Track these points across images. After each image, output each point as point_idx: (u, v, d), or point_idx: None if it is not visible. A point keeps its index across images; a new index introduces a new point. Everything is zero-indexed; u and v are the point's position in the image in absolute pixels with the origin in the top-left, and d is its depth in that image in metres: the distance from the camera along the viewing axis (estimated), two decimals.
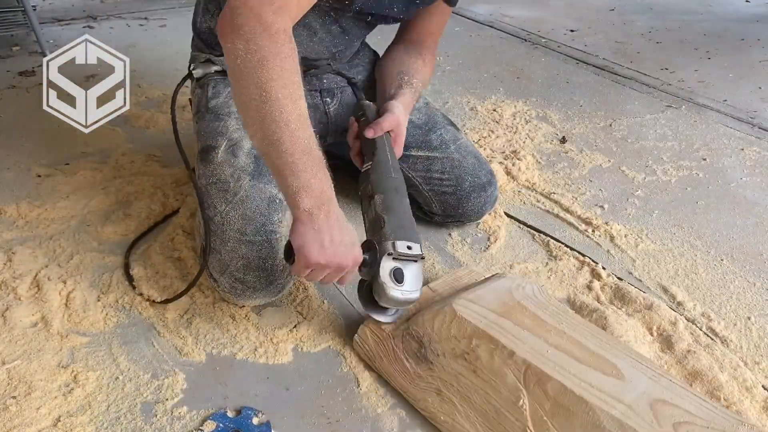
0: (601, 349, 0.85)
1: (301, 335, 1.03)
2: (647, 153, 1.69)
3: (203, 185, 1.08)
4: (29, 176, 1.46)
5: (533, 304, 0.93)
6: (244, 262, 1.01)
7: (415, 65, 1.21)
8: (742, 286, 1.18)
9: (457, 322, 0.89)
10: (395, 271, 0.90)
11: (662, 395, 0.78)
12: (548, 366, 0.81)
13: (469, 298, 0.93)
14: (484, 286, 0.98)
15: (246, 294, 1.03)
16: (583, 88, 2.14)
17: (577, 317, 0.95)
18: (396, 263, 0.91)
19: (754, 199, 1.47)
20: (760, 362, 1.00)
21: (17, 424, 0.85)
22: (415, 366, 0.91)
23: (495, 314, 0.90)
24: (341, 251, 0.85)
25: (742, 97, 2.07)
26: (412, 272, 0.92)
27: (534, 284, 1.00)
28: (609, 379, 0.80)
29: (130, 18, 2.76)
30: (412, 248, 0.92)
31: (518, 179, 1.52)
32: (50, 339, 1.00)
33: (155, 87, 1.98)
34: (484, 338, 0.86)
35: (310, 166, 0.83)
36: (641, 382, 0.80)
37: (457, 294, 0.96)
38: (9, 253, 1.18)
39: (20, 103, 1.85)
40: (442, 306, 0.92)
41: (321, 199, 0.84)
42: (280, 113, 0.81)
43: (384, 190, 0.99)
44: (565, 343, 0.86)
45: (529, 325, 0.88)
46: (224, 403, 0.90)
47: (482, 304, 0.92)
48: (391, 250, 0.90)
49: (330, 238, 0.84)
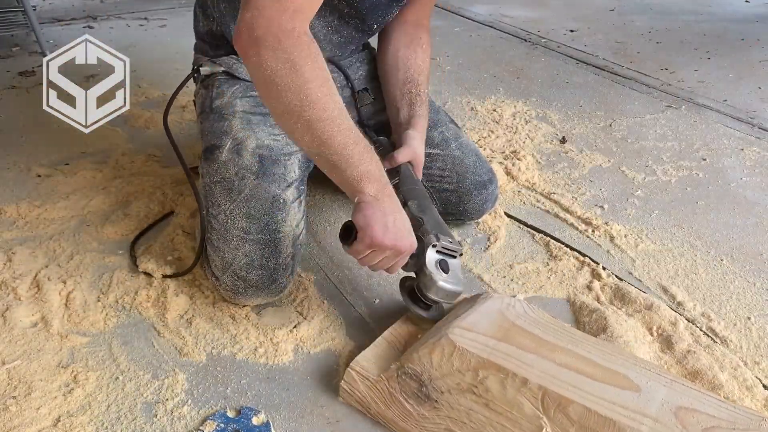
0: (608, 361, 0.82)
1: (301, 335, 1.03)
2: (647, 153, 1.69)
3: (207, 183, 1.08)
4: (29, 176, 1.46)
5: (528, 323, 0.89)
6: (247, 260, 1.01)
7: (416, 58, 1.21)
8: (742, 286, 1.18)
9: (458, 355, 0.83)
10: (440, 262, 0.93)
11: (682, 402, 0.76)
12: (565, 388, 0.77)
13: (463, 326, 0.87)
14: (473, 311, 0.91)
15: (247, 293, 1.03)
16: (583, 88, 2.14)
17: (574, 330, 0.92)
18: (440, 256, 0.94)
19: (754, 199, 1.47)
20: (760, 362, 1.00)
21: (17, 424, 0.85)
22: (418, 407, 0.84)
23: (495, 340, 0.85)
24: (402, 235, 0.88)
25: (742, 97, 2.07)
26: (454, 266, 0.95)
27: (521, 301, 0.96)
28: (626, 392, 0.77)
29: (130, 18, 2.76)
30: (453, 243, 0.95)
31: (518, 179, 1.52)
32: (50, 339, 1.00)
33: (155, 87, 1.98)
34: (491, 368, 0.81)
35: (366, 154, 0.86)
36: (658, 390, 0.78)
37: (448, 322, 0.90)
38: (9, 253, 1.18)
39: (20, 103, 1.85)
40: (437, 338, 0.86)
41: (382, 182, 0.88)
42: (324, 112, 0.82)
43: (416, 197, 1.03)
44: (573, 360, 0.82)
45: (532, 347, 0.84)
46: (224, 403, 0.90)
47: (479, 331, 0.86)
48: (436, 242, 0.94)
49: (393, 220, 0.87)
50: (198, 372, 0.95)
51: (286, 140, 1.13)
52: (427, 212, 1.00)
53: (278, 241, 1.03)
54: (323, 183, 1.43)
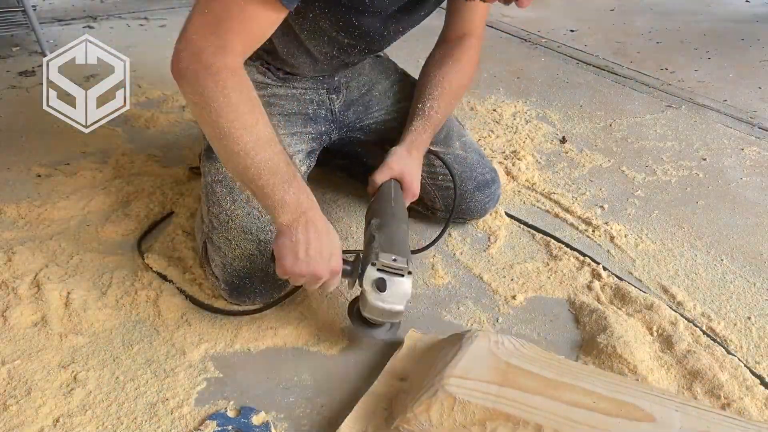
0: (614, 392, 0.79)
1: (300, 335, 1.03)
2: (647, 153, 1.69)
3: (209, 182, 1.08)
4: (29, 176, 1.46)
5: (524, 361, 0.85)
6: (248, 260, 1.01)
7: (437, 74, 1.16)
8: (742, 286, 1.18)
9: (460, 408, 0.77)
10: (377, 281, 0.90)
11: (700, 427, 0.74)
12: (582, 429, 0.73)
13: (456, 374, 0.81)
14: (462, 355, 0.85)
15: (247, 293, 1.03)
16: (583, 88, 2.14)
17: (569, 361, 0.89)
18: (380, 274, 0.91)
19: (754, 199, 1.47)
20: (761, 362, 1.00)
21: (17, 424, 0.85)
22: None
23: (495, 386, 0.80)
24: (315, 262, 0.87)
25: (742, 97, 2.07)
26: (397, 285, 0.91)
27: (508, 336, 0.92)
28: (643, 425, 0.74)
29: (130, 18, 2.76)
30: (397, 260, 0.91)
31: (518, 179, 1.52)
32: (50, 339, 1.00)
33: (155, 87, 1.98)
34: (499, 418, 0.75)
35: (280, 185, 0.86)
36: (673, 418, 0.75)
37: (438, 372, 0.84)
38: (9, 253, 1.18)
39: (20, 103, 1.85)
40: (432, 392, 0.79)
41: (297, 212, 0.87)
42: (236, 144, 0.84)
43: (381, 215, 1.01)
44: (580, 397, 0.78)
45: (536, 388, 0.80)
46: (224, 403, 0.90)
47: (476, 378, 0.81)
48: (375, 260, 0.91)
49: (305, 249, 0.86)
50: (198, 372, 0.95)
51: (288, 140, 1.12)
52: (384, 230, 0.97)
53: None
54: (322, 183, 1.43)
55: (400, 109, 1.26)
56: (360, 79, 1.25)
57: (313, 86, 1.19)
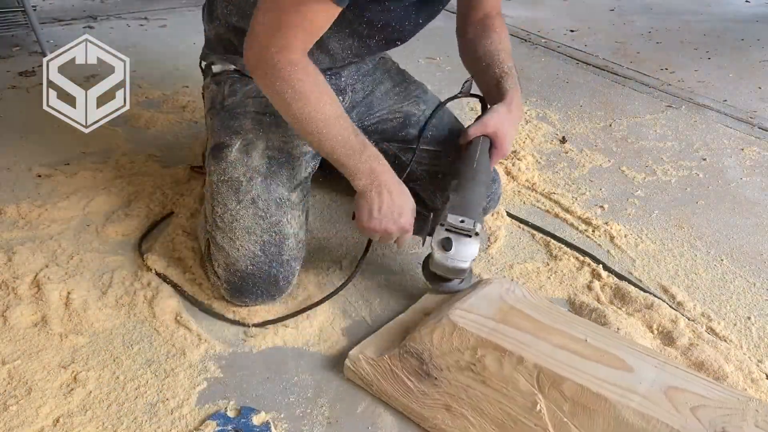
0: (602, 343, 0.86)
1: (301, 335, 1.03)
2: (647, 153, 1.69)
3: (214, 182, 1.08)
4: (29, 176, 1.46)
5: (526, 307, 0.93)
6: (251, 260, 1.02)
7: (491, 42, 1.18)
8: (742, 286, 1.18)
9: (458, 334, 0.88)
10: (444, 240, 0.98)
11: (672, 382, 0.80)
12: (559, 367, 0.81)
13: (463, 308, 0.92)
14: (474, 294, 0.97)
15: (249, 293, 1.03)
16: (583, 88, 2.14)
17: (570, 314, 0.96)
18: (447, 234, 0.98)
19: (754, 199, 1.47)
20: (762, 361, 1.00)
21: (17, 424, 0.85)
22: (418, 384, 0.88)
23: (494, 321, 0.89)
24: (387, 220, 0.99)
25: (742, 97, 2.07)
26: (462, 245, 0.98)
27: (521, 286, 1.00)
28: (619, 372, 0.81)
29: (130, 18, 2.76)
30: (465, 222, 0.98)
31: (518, 179, 1.52)
32: (50, 339, 1.00)
33: (155, 87, 1.98)
34: (489, 347, 0.85)
35: (353, 155, 0.97)
36: (648, 371, 0.81)
37: (450, 305, 0.95)
38: (9, 253, 1.18)
39: (20, 103, 1.85)
40: (438, 319, 0.91)
41: (371, 177, 0.98)
42: (309, 125, 0.95)
43: (460, 175, 1.06)
44: (567, 341, 0.86)
45: (529, 328, 0.88)
46: (224, 404, 0.90)
47: (479, 313, 0.91)
48: (443, 221, 0.99)
49: (378, 208, 0.98)
50: (198, 372, 0.95)
51: (295, 142, 1.12)
52: (459, 191, 1.02)
53: (282, 242, 1.03)
54: (323, 183, 1.43)
55: (402, 110, 1.26)
56: (364, 80, 1.25)
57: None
